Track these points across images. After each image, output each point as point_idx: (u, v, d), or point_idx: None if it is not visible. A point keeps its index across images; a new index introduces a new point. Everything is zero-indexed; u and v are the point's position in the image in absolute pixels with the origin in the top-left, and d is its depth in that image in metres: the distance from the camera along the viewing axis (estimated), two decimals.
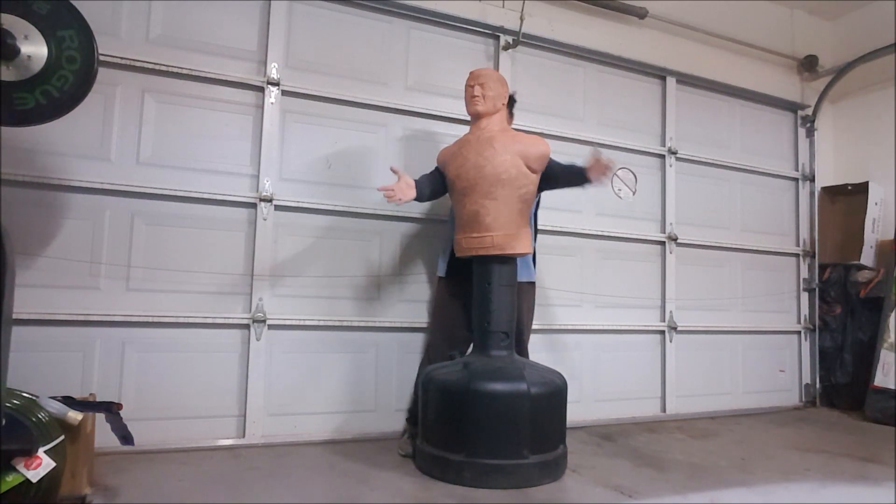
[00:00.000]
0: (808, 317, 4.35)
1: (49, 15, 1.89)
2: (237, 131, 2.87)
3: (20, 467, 1.62)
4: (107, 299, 2.59)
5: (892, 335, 3.85)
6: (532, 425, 2.31)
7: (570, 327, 3.50)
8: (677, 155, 3.92)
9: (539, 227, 3.34)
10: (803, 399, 4.28)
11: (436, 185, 2.65)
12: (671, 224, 3.86)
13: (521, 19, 3.38)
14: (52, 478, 1.69)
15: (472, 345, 2.65)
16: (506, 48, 3.43)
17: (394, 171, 2.51)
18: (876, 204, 4.33)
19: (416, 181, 2.53)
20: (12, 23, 1.83)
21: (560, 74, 3.64)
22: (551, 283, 3.45)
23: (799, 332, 4.33)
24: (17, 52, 1.84)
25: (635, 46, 3.80)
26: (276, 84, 2.90)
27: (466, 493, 2.19)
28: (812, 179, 4.45)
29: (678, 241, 3.87)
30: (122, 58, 2.63)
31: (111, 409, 1.99)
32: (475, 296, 2.58)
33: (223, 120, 2.84)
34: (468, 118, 2.69)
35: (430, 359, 2.72)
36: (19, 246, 2.40)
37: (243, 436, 2.74)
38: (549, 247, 3.46)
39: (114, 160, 2.64)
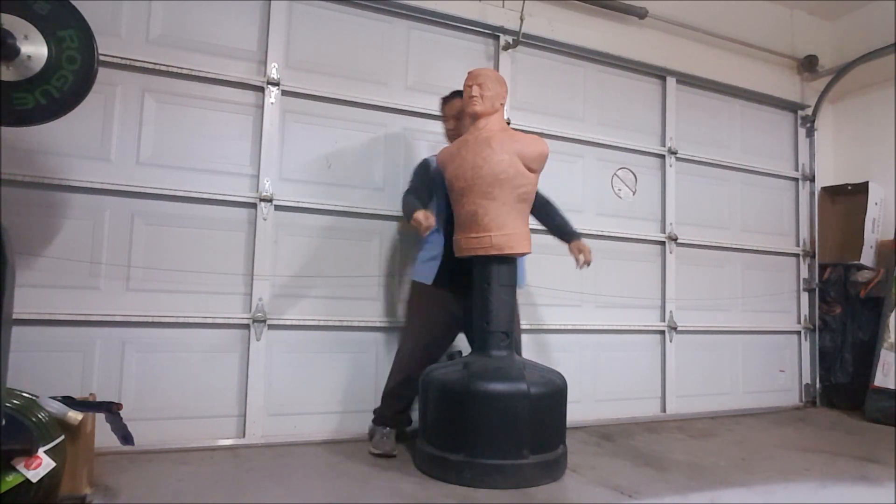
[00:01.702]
0: (808, 317, 4.35)
1: (49, 15, 1.89)
2: (237, 131, 2.87)
3: (20, 467, 1.62)
4: (107, 299, 2.59)
5: (892, 335, 3.85)
6: (532, 425, 2.31)
7: (570, 327, 3.50)
8: (677, 155, 3.92)
9: (540, 227, 3.34)
10: (803, 399, 4.29)
11: (426, 190, 2.76)
12: (671, 224, 3.86)
13: (521, 19, 3.38)
14: (52, 478, 1.69)
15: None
16: (506, 48, 3.43)
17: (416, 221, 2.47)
18: (876, 204, 4.33)
19: (418, 201, 2.59)
20: (12, 23, 1.83)
21: (560, 74, 3.64)
22: (551, 283, 3.45)
23: (799, 332, 4.33)
24: (17, 52, 1.84)
25: (635, 46, 3.80)
26: (276, 84, 2.90)
27: (466, 493, 2.19)
28: (812, 179, 4.45)
29: (678, 241, 3.87)
30: (122, 58, 2.63)
31: (111, 409, 1.99)
32: (475, 296, 2.58)
33: (223, 120, 2.84)
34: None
35: (404, 371, 2.69)
36: (19, 246, 2.40)
37: (243, 436, 2.74)
38: (550, 247, 3.44)
39: (114, 160, 2.64)
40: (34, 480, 1.64)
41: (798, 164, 4.46)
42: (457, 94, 2.80)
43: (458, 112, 2.78)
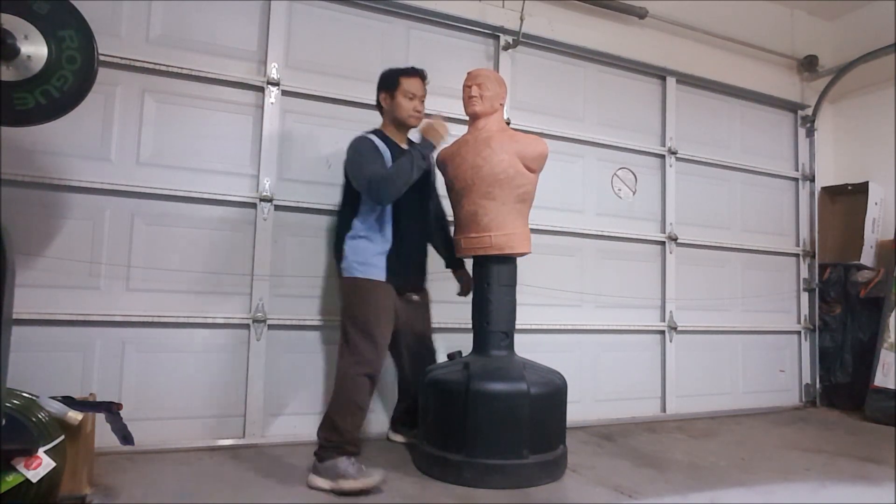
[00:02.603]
0: (808, 317, 4.35)
1: (49, 15, 1.89)
2: (237, 131, 2.87)
3: (20, 467, 1.62)
4: (107, 299, 2.59)
5: (892, 335, 3.85)
6: (532, 425, 2.31)
7: (570, 327, 3.50)
8: (677, 155, 3.92)
9: (540, 227, 3.35)
10: (803, 399, 4.28)
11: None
12: (671, 224, 3.86)
13: (521, 19, 3.38)
14: (52, 478, 1.69)
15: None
16: (506, 48, 3.43)
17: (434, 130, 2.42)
18: (876, 204, 4.33)
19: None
20: (12, 23, 1.83)
21: (560, 74, 3.64)
22: (552, 283, 3.45)
23: (799, 332, 4.33)
24: (17, 52, 1.84)
25: (635, 46, 3.80)
26: (276, 84, 2.90)
27: (466, 493, 2.20)
28: (812, 179, 4.45)
29: (678, 241, 3.87)
30: (122, 58, 2.63)
31: (111, 409, 1.99)
32: (474, 296, 2.58)
33: (223, 120, 2.84)
34: (468, 118, 2.68)
35: (367, 382, 2.36)
36: (19, 246, 2.40)
37: (243, 436, 2.74)
38: (550, 246, 3.46)
39: (114, 160, 2.64)
40: (34, 480, 1.64)
41: (798, 164, 4.46)
42: (417, 70, 2.59)
43: (421, 93, 2.56)
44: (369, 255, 2.45)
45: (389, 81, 2.58)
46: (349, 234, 2.49)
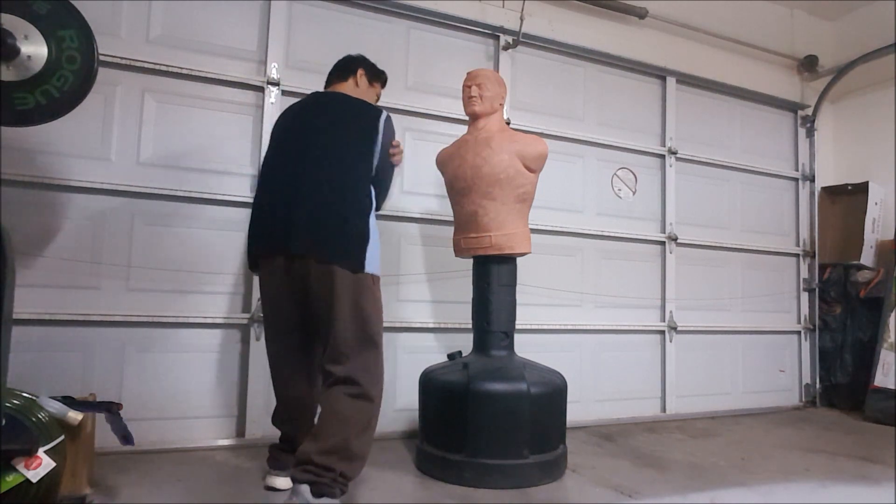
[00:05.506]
0: (808, 317, 4.35)
1: (49, 15, 1.88)
2: (237, 131, 2.87)
3: (20, 467, 1.62)
4: (107, 299, 2.59)
5: (892, 335, 3.85)
6: (532, 425, 2.31)
7: (570, 327, 3.50)
8: (677, 155, 3.92)
9: (540, 227, 3.35)
10: (803, 399, 4.29)
11: None
12: (671, 224, 3.86)
13: (521, 19, 3.38)
14: (52, 478, 1.69)
15: None
16: (506, 48, 3.43)
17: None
18: (876, 204, 4.33)
19: None
20: (12, 23, 1.83)
21: (560, 74, 3.64)
22: (552, 283, 3.45)
23: (799, 332, 4.33)
24: (17, 52, 1.83)
25: (635, 46, 3.80)
26: (276, 84, 2.90)
27: (466, 493, 2.19)
28: (812, 179, 4.45)
29: (678, 241, 3.87)
30: (122, 58, 2.63)
31: (111, 409, 1.99)
32: (474, 296, 2.58)
33: (223, 120, 2.84)
34: (467, 118, 2.68)
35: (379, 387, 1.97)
36: (19, 246, 2.40)
37: (243, 435, 2.74)
38: (550, 246, 3.46)
39: (114, 160, 2.64)
40: (34, 480, 1.63)
41: (798, 164, 4.46)
42: None
43: None
44: (376, 246, 2.03)
45: (382, 77, 2.44)
46: (371, 218, 2.02)
